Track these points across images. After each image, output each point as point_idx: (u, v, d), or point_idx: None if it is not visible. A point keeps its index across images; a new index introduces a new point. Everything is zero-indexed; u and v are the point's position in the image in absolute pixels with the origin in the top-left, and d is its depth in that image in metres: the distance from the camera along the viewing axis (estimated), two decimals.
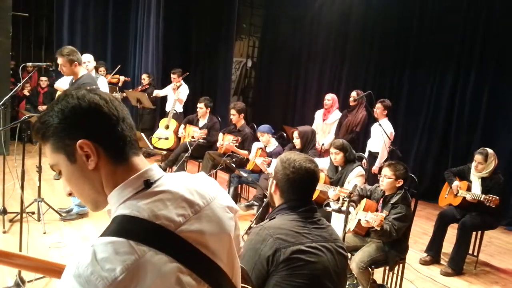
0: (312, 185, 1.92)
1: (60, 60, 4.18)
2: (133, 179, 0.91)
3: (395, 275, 3.41)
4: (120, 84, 7.88)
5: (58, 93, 5.64)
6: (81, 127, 0.89)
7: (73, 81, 4.36)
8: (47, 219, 4.37)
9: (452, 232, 4.39)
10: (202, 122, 6.26)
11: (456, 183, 4.32)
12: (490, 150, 4.16)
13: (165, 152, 6.73)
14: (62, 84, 5.18)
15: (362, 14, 7.70)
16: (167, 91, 7.38)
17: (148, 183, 0.92)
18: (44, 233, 4.14)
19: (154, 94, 7.34)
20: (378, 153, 5.48)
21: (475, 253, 4.45)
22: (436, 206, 4.94)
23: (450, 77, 6.56)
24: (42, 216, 4.31)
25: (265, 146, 5.09)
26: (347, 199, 3.01)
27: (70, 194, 0.98)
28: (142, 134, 5.54)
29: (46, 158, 0.99)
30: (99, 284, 0.77)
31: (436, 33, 6.64)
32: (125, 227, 0.85)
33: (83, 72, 4.35)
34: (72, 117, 0.89)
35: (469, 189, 4.24)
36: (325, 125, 6.07)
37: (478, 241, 4.43)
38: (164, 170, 6.45)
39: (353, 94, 5.86)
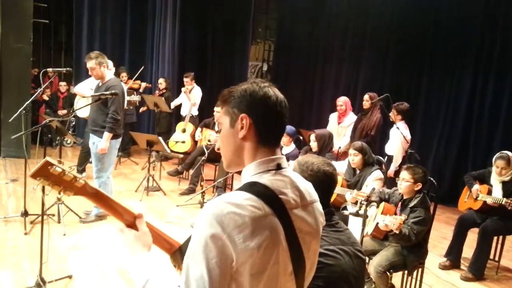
0: (331, 188, 1.91)
1: (90, 64, 4.32)
2: (270, 159, 1.14)
3: (413, 280, 3.36)
4: (141, 90, 7.99)
5: (78, 97, 5.77)
6: (249, 107, 1.13)
7: (100, 84, 4.46)
8: (67, 221, 4.45)
9: (472, 237, 4.31)
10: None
11: (476, 186, 4.24)
12: (510, 153, 4.08)
13: (182, 156, 6.81)
14: (82, 89, 5.29)
15: (378, 17, 7.64)
16: (181, 97, 7.45)
17: (279, 166, 1.14)
18: (64, 235, 4.22)
19: (172, 105, 7.41)
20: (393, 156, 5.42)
21: (497, 258, 4.36)
22: (455, 210, 4.87)
23: (468, 80, 6.46)
24: (62, 218, 4.39)
25: (282, 148, 5.08)
26: (365, 203, 2.98)
27: (218, 149, 1.17)
28: (160, 138, 5.62)
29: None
30: (230, 223, 0.97)
31: (453, 36, 6.56)
32: (258, 190, 1.06)
33: (110, 75, 4.51)
34: (248, 97, 1.13)
35: (489, 193, 4.16)
36: (341, 128, 6.04)
37: (499, 246, 4.34)
38: (181, 173, 6.52)
39: (366, 97, 5.82)
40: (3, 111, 6.73)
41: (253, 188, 1.07)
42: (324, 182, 1.84)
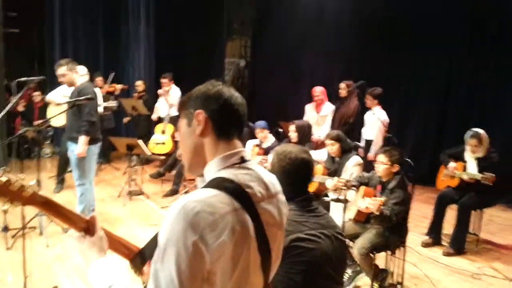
0: (308, 175, 1.96)
1: (60, 70, 4.26)
2: (233, 153, 1.14)
3: (397, 259, 3.44)
4: (117, 93, 7.89)
5: (51, 106, 5.68)
6: (203, 104, 1.15)
7: (73, 91, 4.40)
8: (50, 233, 4.39)
9: (451, 214, 4.44)
10: None
11: (452, 164, 4.36)
12: (481, 131, 4.21)
13: (163, 157, 6.78)
14: (54, 97, 5.22)
15: (352, 5, 7.73)
16: (160, 100, 7.35)
17: (243, 160, 1.15)
18: (47, 246, 4.17)
19: (156, 115, 7.32)
20: (372, 140, 5.52)
21: (476, 232, 4.50)
22: (435, 189, 4.99)
23: (444, 61, 6.62)
24: (44, 230, 4.34)
25: (261, 143, 5.12)
26: (345, 188, 3.04)
27: (179, 156, 1.15)
28: (140, 141, 5.57)
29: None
30: (200, 222, 0.96)
31: (426, 19, 6.67)
32: (225, 185, 1.05)
33: (81, 81, 4.44)
34: (201, 95, 1.17)
35: (465, 169, 4.28)
36: (320, 117, 6.11)
37: (478, 219, 4.48)
38: (163, 175, 6.51)
39: (342, 85, 5.91)
40: None
41: (219, 184, 1.06)
42: (302, 169, 1.90)
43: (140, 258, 1.23)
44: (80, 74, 4.61)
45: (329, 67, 8.27)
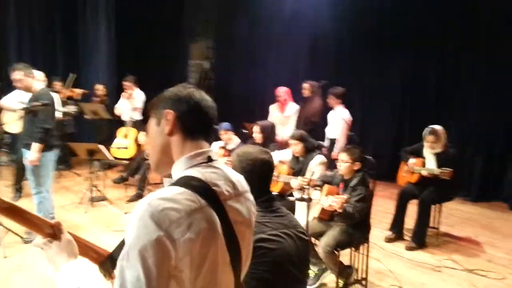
0: (269, 175, 1.96)
1: (16, 75, 4.07)
2: (200, 152, 1.15)
3: (361, 255, 3.51)
4: (77, 98, 7.65)
5: (4, 112, 5.45)
6: (173, 104, 1.16)
7: (31, 96, 4.23)
8: (7, 243, 4.21)
9: (413, 209, 4.57)
10: None
11: (411, 160, 4.49)
12: (438, 127, 4.35)
13: (126, 162, 6.63)
14: (8, 102, 5.01)
15: (316, 5, 7.83)
16: (120, 102, 7.17)
17: (210, 159, 1.16)
18: (5, 257, 3.99)
19: (117, 113, 7.13)
20: (336, 139, 5.61)
21: (436, 226, 4.65)
22: (396, 186, 5.12)
23: (403, 57, 6.82)
24: (1, 240, 4.15)
25: (226, 144, 5.10)
26: (308, 187, 3.07)
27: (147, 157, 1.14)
28: (101, 147, 5.43)
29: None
30: (166, 219, 0.96)
31: (394, 14, 6.84)
32: (191, 183, 1.06)
33: (38, 86, 4.28)
34: (172, 96, 1.18)
35: (424, 165, 4.42)
36: (284, 117, 6.16)
37: (438, 213, 4.63)
38: (126, 179, 6.37)
39: (305, 85, 5.98)
40: None
41: (186, 181, 1.07)
42: (262, 169, 1.89)
43: (110, 261, 1.21)
44: (37, 79, 4.44)
45: (293, 67, 8.35)
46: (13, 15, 8.02)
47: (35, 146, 4.10)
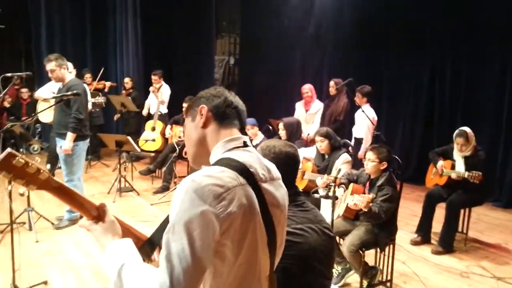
0: (294, 168, 1.96)
1: (49, 66, 4.21)
2: (236, 138, 1.23)
3: (386, 257, 3.46)
4: (106, 90, 7.84)
5: (40, 102, 5.62)
6: (206, 100, 1.27)
7: (61, 87, 4.36)
8: (39, 228, 4.36)
9: (440, 212, 4.47)
10: None
11: (440, 163, 4.39)
12: (467, 129, 4.24)
13: (153, 154, 6.75)
14: (43, 93, 5.17)
15: (338, 3, 7.77)
16: (150, 97, 7.31)
17: (245, 144, 1.24)
18: (37, 241, 4.14)
19: (146, 110, 7.26)
20: (363, 138, 5.54)
21: (464, 231, 4.54)
22: (424, 188, 5.02)
23: (428, 58, 6.67)
24: (33, 225, 4.30)
25: (251, 140, 5.12)
26: (333, 184, 3.05)
27: (185, 153, 1.19)
28: (129, 138, 5.55)
29: None
30: (210, 195, 1.01)
31: (411, 16, 6.71)
32: (231, 163, 1.13)
33: (70, 77, 4.41)
34: (204, 95, 1.29)
35: (453, 167, 4.32)
36: (309, 115, 6.13)
37: (466, 218, 4.52)
38: (153, 172, 6.48)
39: (331, 83, 5.94)
40: None
41: (225, 162, 1.13)
42: (286, 162, 1.88)
43: (149, 245, 1.25)
44: (69, 70, 4.58)
45: (319, 64, 8.29)
46: (44, 8, 8.26)
47: (69, 136, 4.23)
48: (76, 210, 1.23)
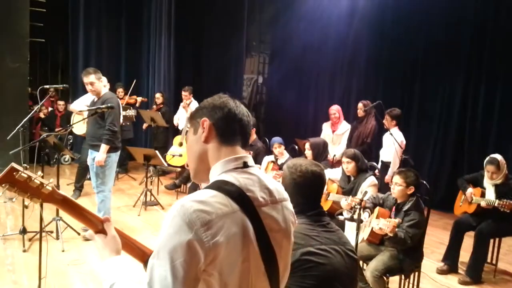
0: (319, 187, 1.96)
1: (90, 78, 4.34)
2: (236, 158, 1.16)
3: (411, 284, 3.37)
4: (137, 105, 8.05)
5: (74, 114, 5.83)
6: (209, 113, 1.20)
7: (95, 100, 4.50)
8: (65, 237, 4.46)
9: (469, 241, 4.34)
10: None
11: (470, 190, 4.28)
12: (499, 157, 4.13)
13: (179, 169, 6.84)
14: (77, 106, 5.35)
15: (370, 25, 7.78)
16: (179, 112, 7.49)
17: (246, 165, 1.16)
18: (63, 251, 4.23)
19: (175, 123, 7.41)
20: (390, 162, 5.47)
21: (494, 262, 4.38)
22: (452, 215, 4.89)
23: (460, 83, 6.57)
24: (60, 234, 4.41)
25: (277, 159, 5.13)
26: (359, 207, 3.02)
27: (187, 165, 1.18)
28: (157, 152, 5.66)
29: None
30: (197, 221, 0.98)
31: (444, 41, 6.66)
32: (225, 187, 1.08)
33: (105, 91, 4.57)
34: (207, 106, 1.22)
35: (483, 195, 4.20)
36: (336, 136, 6.11)
37: (496, 249, 4.37)
38: (178, 187, 6.56)
39: (360, 105, 5.91)
40: (0, 130, 6.77)
41: (219, 185, 1.08)
42: (313, 181, 1.89)
43: None
44: (104, 84, 4.74)
45: (347, 86, 8.29)
46: (83, 24, 8.61)
47: (103, 147, 4.35)
48: (81, 222, 1.25)
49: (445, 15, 6.64)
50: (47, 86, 4.59)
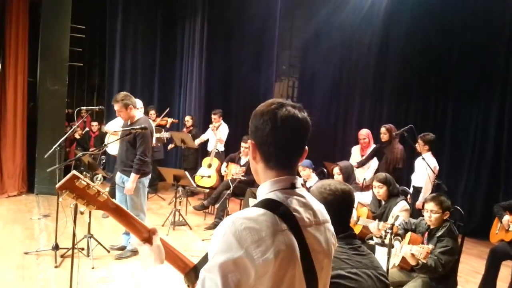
0: (349, 206, 1.95)
1: (116, 106, 4.39)
2: (284, 179, 1.17)
3: None
4: (168, 126, 8.24)
5: (108, 135, 6.00)
6: (253, 131, 1.20)
7: (129, 123, 4.52)
8: (96, 255, 4.53)
9: (506, 270, 4.15)
10: (244, 160, 6.39)
11: (506, 217, 4.13)
12: None
13: (208, 190, 6.90)
14: (112, 127, 5.50)
15: (401, 47, 7.76)
16: (208, 133, 7.62)
17: (293, 186, 1.18)
18: (93, 268, 4.29)
19: (197, 142, 7.53)
20: (422, 187, 5.34)
21: None
22: (488, 243, 4.70)
23: (495, 108, 6.42)
24: (91, 251, 4.49)
25: (305, 182, 5.11)
26: (390, 231, 2.95)
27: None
28: (186, 173, 5.74)
29: None
30: (247, 238, 1.01)
31: (478, 65, 6.56)
32: (273, 206, 1.10)
33: (139, 115, 4.60)
34: (253, 121, 1.22)
35: None
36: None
37: None
38: (207, 208, 6.59)
39: (383, 130, 5.85)
40: (38, 149, 7.04)
41: (268, 204, 1.10)
42: (342, 199, 1.89)
43: (194, 272, 1.28)
44: (137, 107, 4.83)
45: (377, 110, 8.23)
46: (119, 47, 8.93)
47: (132, 177, 4.37)
48: (129, 231, 1.31)
49: (479, 36, 6.55)
50: (84, 108, 4.75)
